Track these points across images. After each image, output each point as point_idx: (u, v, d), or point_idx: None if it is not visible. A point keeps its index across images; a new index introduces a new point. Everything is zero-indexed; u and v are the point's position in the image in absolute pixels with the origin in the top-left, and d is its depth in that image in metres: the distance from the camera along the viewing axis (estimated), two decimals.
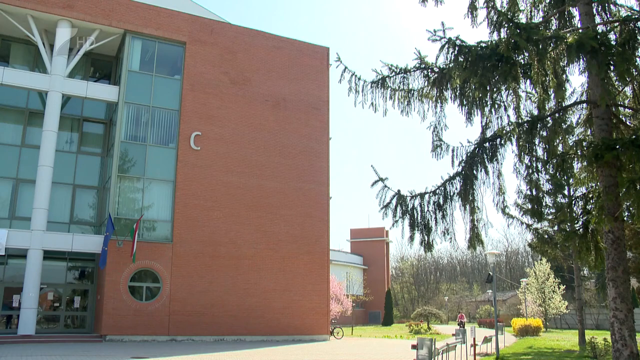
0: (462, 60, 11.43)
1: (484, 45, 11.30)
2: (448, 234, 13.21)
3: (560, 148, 13.35)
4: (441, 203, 13.26)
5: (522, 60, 11.37)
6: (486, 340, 21.95)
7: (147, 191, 26.46)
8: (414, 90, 13.31)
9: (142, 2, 27.97)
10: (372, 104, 13.30)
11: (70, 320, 27.40)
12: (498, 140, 12.98)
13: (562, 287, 48.87)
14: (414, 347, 12.87)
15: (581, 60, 11.47)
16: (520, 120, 12.41)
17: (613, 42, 10.85)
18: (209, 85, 28.24)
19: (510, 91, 12.07)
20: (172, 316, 25.30)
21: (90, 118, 29.29)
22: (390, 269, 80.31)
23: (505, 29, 11.20)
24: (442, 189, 13.32)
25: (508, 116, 12.67)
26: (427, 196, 13.35)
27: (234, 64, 29.12)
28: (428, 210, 13.27)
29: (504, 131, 12.45)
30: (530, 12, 13.94)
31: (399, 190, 13.15)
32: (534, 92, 12.83)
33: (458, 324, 38.87)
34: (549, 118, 12.76)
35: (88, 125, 29.38)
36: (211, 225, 26.82)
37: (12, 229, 24.70)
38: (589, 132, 13.78)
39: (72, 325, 27.26)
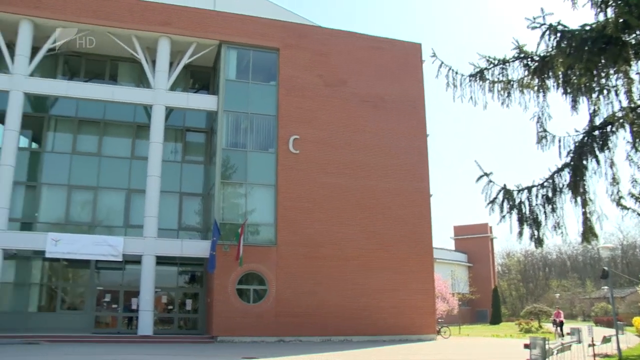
0: (565, 46, 10.88)
1: (588, 28, 10.71)
2: (559, 228, 12.63)
3: None
4: (550, 196, 12.72)
5: (632, 41, 10.68)
6: (605, 340, 20.41)
7: (249, 196, 27.16)
8: (513, 81, 12.86)
9: (235, 13, 28.82)
10: (471, 97, 12.97)
11: (183, 322, 28.63)
12: (609, 127, 12.26)
13: None
14: (526, 346, 12.44)
15: None
16: (633, 105, 11.65)
17: None
18: (304, 89, 28.61)
19: (621, 74, 11.37)
20: (279, 317, 25.76)
21: (192, 128, 30.53)
22: (496, 265, 77.96)
23: (613, 7, 10.53)
24: (550, 181, 12.77)
25: (619, 101, 11.92)
26: (534, 189, 12.85)
27: (327, 66, 29.33)
28: (536, 204, 12.77)
29: (616, 117, 11.74)
30: None
31: (504, 185, 12.73)
32: None
33: (553, 323, 35.78)
34: None
35: (191, 135, 30.68)
36: (315, 227, 27.09)
37: (127, 237, 26.20)
38: None
39: (185, 327, 28.47)
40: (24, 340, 22.99)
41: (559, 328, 33.59)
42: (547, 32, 10.96)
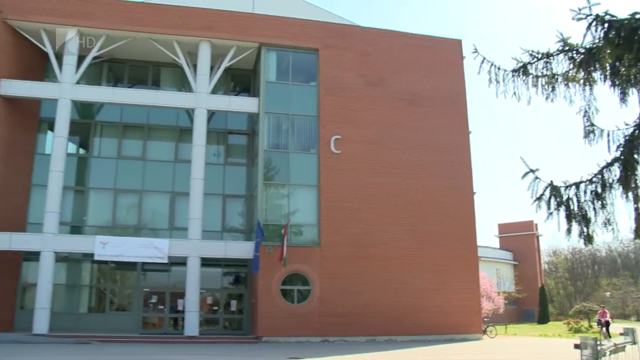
0: (613, 36, 10.54)
1: (638, 16, 10.38)
2: (610, 225, 12.23)
3: None
4: (599, 192, 12.33)
5: None
6: None
7: (292, 197, 27.27)
8: (558, 74, 12.51)
9: (274, 15, 28.99)
10: (514, 93, 12.67)
11: (228, 323, 28.94)
12: None
13: None
14: (576, 346, 12.06)
15: None
16: None
17: None
18: (344, 89, 28.57)
19: None
20: (323, 317, 25.78)
21: (234, 130, 30.85)
22: (542, 263, 76.34)
23: None
24: (599, 176, 12.38)
25: None
26: (582, 185, 12.47)
27: (368, 65, 29.22)
28: (585, 200, 12.39)
29: None
30: None
31: (551, 181, 12.41)
32: None
33: (597, 323, 34.26)
34: None
35: (233, 137, 31.00)
36: (358, 227, 27.00)
37: (173, 239, 26.66)
38: None
39: (230, 327, 28.78)
40: (76, 339, 23.64)
41: (604, 328, 32.38)
42: (594, 23, 10.61)
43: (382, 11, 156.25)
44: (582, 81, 12.28)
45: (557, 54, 12.36)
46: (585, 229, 12.36)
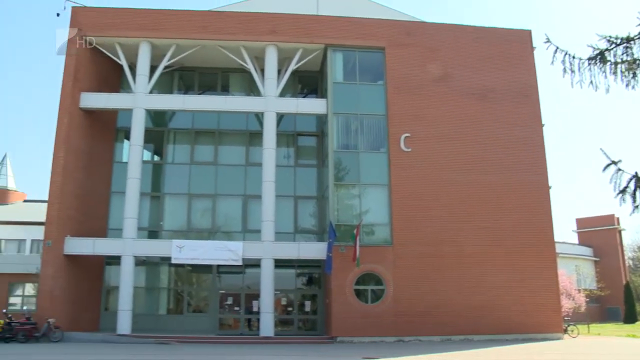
0: None
1: None
2: None
3: None
4: None
5: None
6: None
7: (363, 197, 27.14)
8: (639, 60, 11.93)
9: (339, 15, 29.00)
10: (591, 82, 12.14)
11: (302, 323, 29.12)
12: None
13: None
14: None
15: None
16: None
17: None
18: (412, 86, 28.21)
19: None
20: (397, 317, 25.54)
21: (303, 132, 31.07)
22: (627, 259, 72.94)
23: None
24: None
25: None
26: None
27: (435, 61, 28.73)
28: None
29: None
30: None
31: (636, 173, 11.83)
32: None
33: None
34: None
35: (302, 139, 31.22)
36: (430, 225, 26.60)
37: (246, 241, 27.05)
38: None
39: (304, 328, 28.95)
40: (156, 340, 24.41)
41: None
42: None
43: (448, 6, 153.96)
44: None
45: (638, 38, 11.77)
46: None
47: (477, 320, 25.86)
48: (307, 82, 31.98)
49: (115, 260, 27.61)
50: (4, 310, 27.55)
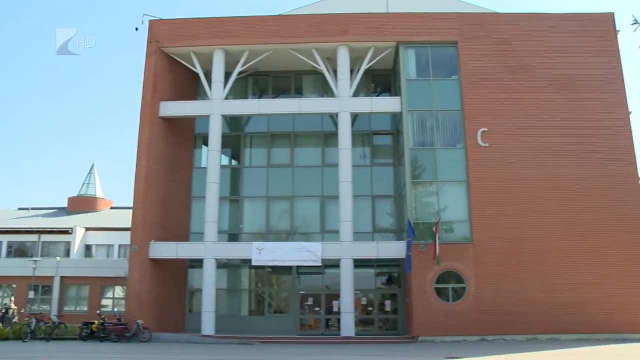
0: None
1: None
2: None
3: None
4: None
5: None
6: None
7: (441, 194, 26.69)
8: None
9: (410, 12, 28.72)
10: None
11: (383, 323, 29.01)
12: None
13: None
14: None
15: None
16: None
17: None
18: (488, 80, 27.54)
19: None
20: (480, 316, 24.98)
21: (378, 131, 30.95)
22: None
23: None
24: None
25: None
26: None
27: (510, 53, 27.94)
28: None
29: None
30: None
31: None
32: None
33: None
34: None
35: (377, 138, 31.08)
36: (511, 221, 25.85)
37: (325, 242, 27.16)
38: None
39: (385, 328, 28.84)
40: (239, 341, 24.90)
41: None
42: None
43: None
44: None
45: None
46: None
47: (564, 319, 24.90)
48: (380, 81, 31.85)
49: (197, 263, 28.44)
50: (98, 312, 28.86)
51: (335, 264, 26.96)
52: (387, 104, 28.41)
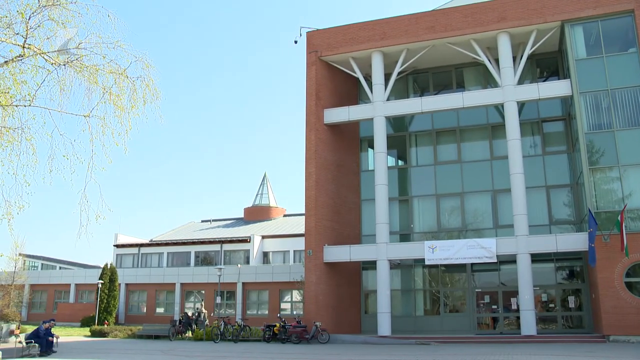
0: None
1: None
2: None
3: None
4: None
5: None
6: None
7: (624, 179, 24.33)
8: None
9: None
10: None
11: (566, 320, 27.22)
12: None
13: None
14: None
15: None
16: None
17: None
18: None
19: None
20: None
21: (547, 118, 29.20)
22: None
23: None
24: None
25: None
26: None
27: None
28: None
29: None
30: None
31: None
32: None
33: None
34: None
35: (547, 125, 29.31)
36: None
37: (499, 237, 26.30)
38: None
39: (568, 325, 27.04)
40: (416, 341, 24.82)
41: None
42: None
43: None
44: None
45: None
46: None
47: None
48: (546, 64, 30.09)
49: (370, 265, 28.90)
50: (278, 315, 30.45)
51: (510, 260, 25.96)
52: (555, 88, 26.68)
